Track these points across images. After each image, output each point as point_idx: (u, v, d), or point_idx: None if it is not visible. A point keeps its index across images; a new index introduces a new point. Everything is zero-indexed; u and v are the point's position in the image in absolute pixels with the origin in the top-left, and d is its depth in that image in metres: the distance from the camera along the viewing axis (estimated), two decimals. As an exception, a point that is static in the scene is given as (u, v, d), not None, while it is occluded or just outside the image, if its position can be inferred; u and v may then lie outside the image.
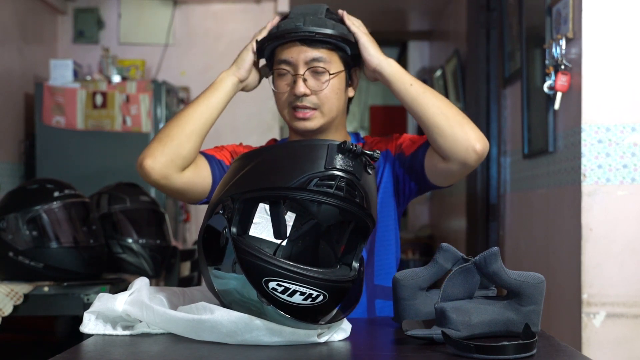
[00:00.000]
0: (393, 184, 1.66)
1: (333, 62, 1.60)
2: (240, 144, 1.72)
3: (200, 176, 1.58)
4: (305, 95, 1.58)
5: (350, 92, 1.68)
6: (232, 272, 1.16)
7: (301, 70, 1.58)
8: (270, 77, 1.66)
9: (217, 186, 1.57)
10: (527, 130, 3.06)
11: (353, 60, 1.65)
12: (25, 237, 2.48)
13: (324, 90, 1.59)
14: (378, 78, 1.60)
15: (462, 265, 1.22)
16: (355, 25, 1.61)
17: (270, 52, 1.65)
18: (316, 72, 1.58)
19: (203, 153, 1.62)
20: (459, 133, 1.47)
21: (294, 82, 1.58)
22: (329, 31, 1.57)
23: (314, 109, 1.59)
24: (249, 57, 1.62)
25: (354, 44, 1.62)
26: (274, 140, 1.78)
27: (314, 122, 1.60)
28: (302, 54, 1.58)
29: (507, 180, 3.59)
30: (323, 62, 1.58)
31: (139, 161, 1.53)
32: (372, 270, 1.65)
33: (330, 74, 1.59)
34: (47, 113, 4.06)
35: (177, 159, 1.52)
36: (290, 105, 1.60)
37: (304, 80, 1.57)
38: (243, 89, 1.67)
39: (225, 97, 1.60)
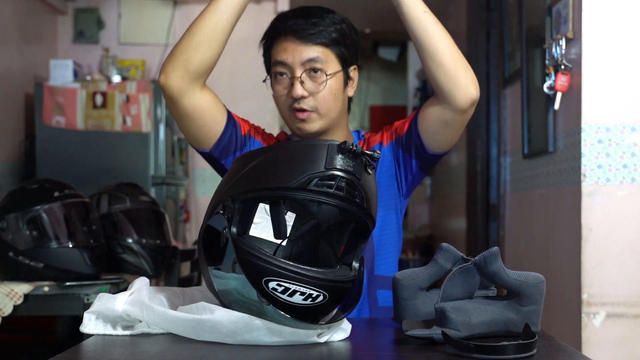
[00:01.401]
0: (392, 174, 1.65)
1: (330, 62, 1.58)
2: (260, 127, 1.71)
3: (212, 117, 1.55)
4: (302, 97, 1.57)
5: (350, 92, 1.67)
6: (232, 272, 1.16)
7: (298, 72, 1.56)
8: (269, 80, 1.64)
9: (224, 142, 1.57)
10: (527, 130, 3.06)
11: (350, 58, 1.64)
12: (25, 237, 2.48)
13: (322, 92, 1.58)
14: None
15: (462, 265, 1.22)
16: None
17: (265, 50, 1.64)
18: (313, 72, 1.57)
19: (226, 108, 1.61)
20: (462, 75, 1.46)
21: (291, 84, 1.57)
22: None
23: (312, 111, 1.58)
24: None
25: (352, 41, 1.61)
26: (284, 133, 1.77)
27: (313, 124, 1.59)
28: (297, 55, 1.57)
29: (507, 180, 3.60)
30: (319, 63, 1.57)
31: (159, 79, 1.51)
32: (372, 269, 1.65)
33: (327, 75, 1.58)
34: (47, 113, 4.06)
35: (188, 70, 1.48)
36: (290, 108, 1.60)
37: (301, 82, 1.56)
38: None
39: (238, 6, 1.50)
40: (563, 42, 2.55)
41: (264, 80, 1.65)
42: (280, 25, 1.60)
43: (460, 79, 1.46)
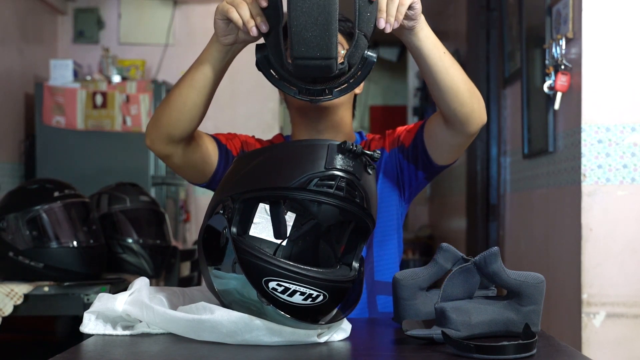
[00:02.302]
0: (394, 181, 1.66)
1: (344, 50, 1.60)
2: (253, 137, 1.71)
3: (203, 160, 1.55)
4: None
5: (357, 89, 1.68)
6: (232, 272, 1.16)
7: None
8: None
9: (219, 174, 1.57)
10: (527, 130, 3.06)
11: None
12: (25, 237, 2.48)
13: None
14: (408, 39, 1.40)
15: (462, 265, 1.22)
16: None
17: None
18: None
19: (216, 138, 1.60)
20: (476, 107, 1.47)
21: None
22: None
23: None
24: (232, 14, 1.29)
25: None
26: (280, 135, 1.77)
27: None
28: None
29: (507, 180, 3.60)
30: (340, 44, 1.58)
31: (145, 141, 1.51)
32: (372, 268, 1.65)
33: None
34: (47, 113, 4.06)
35: (173, 138, 1.46)
36: None
37: None
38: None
39: (213, 70, 1.41)
40: (563, 42, 2.55)
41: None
42: None
43: (475, 112, 1.47)
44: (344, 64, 1.22)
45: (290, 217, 1.34)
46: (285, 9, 1.20)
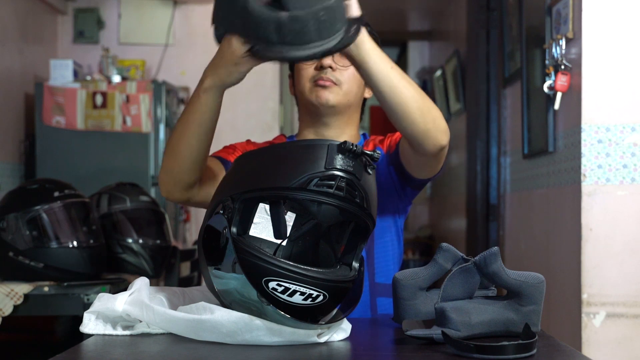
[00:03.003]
0: (391, 183, 1.66)
1: None
2: (249, 141, 1.71)
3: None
4: (330, 67, 1.59)
5: (367, 93, 1.70)
6: (232, 272, 1.16)
7: None
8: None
9: None
10: (527, 130, 3.06)
11: None
12: (25, 237, 2.48)
13: (348, 71, 1.61)
14: (351, 51, 1.34)
15: (462, 265, 1.22)
16: None
17: None
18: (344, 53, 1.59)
19: (219, 158, 1.60)
20: (431, 128, 1.39)
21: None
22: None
23: (335, 83, 1.60)
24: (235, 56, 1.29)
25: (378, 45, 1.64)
26: (283, 136, 1.77)
27: (333, 95, 1.60)
28: None
29: (507, 180, 3.60)
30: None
31: (160, 187, 1.50)
32: (373, 269, 1.65)
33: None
34: (47, 113, 4.06)
35: (187, 184, 1.47)
36: (312, 80, 1.62)
37: (332, 55, 1.58)
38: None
39: (215, 108, 1.40)
40: (563, 42, 2.55)
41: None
42: None
43: (430, 133, 1.39)
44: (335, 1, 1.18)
45: (290, 217, 1.34)
46: None
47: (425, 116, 1.37)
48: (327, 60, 1.59)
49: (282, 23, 1.15)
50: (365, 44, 1.33)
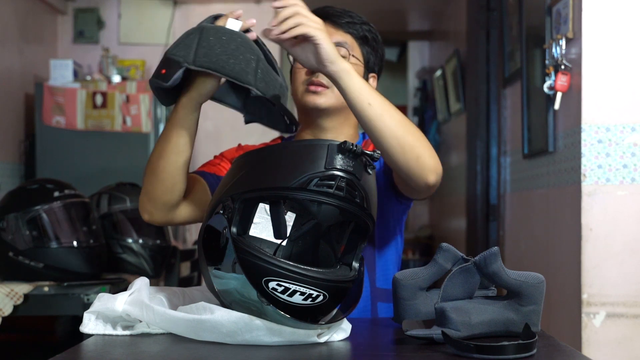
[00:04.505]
0: (390, 187, 1.65)
1: (354, 53, 1.61)
2: (240, 146, 1.70)
3: (201, 202, 1.52)
4: None
5: None
6: (232, 272, 1.16)
7: None
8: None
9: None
10: (527, 130, 3.06)
11: (372, 63, 1.66)
12: (25, 237, 2.48)
13: None
14: (329, 77, 1.37)
15: (462, 265, 1.22)
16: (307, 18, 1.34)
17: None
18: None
19: (202, 173, 1.58)
20: (414, 167, 1.36)
21: None
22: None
23: (328, 87, 1.59)
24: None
25: (377, 49, 1.65)
26: (281, 138, 1.77)
27: (325, 99, 1.59)
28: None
29: (507, 180, 3.60)
30: (345, 48, 1.60)
31: (140, 212, 1.49)
32: (374, 274, 1.65)
33: (349, 59, 1.60)
34: (47, 113, 4.06)
35: (169, 206, 1.45)
36: (305, 83, 1.61)
37: None
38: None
39: (191, 127, 1.40)
40: (563, 42, 2.55)
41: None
42: (316, 12, 1.61)
43: (412, 170, 1.37)
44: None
45: (290, 217, 1.34)
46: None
47: (407, 153, 1.34)
48: None
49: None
50: (344, 78, 1.34)
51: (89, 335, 1.24)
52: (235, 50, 1.27)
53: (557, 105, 2.59)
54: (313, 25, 1.31)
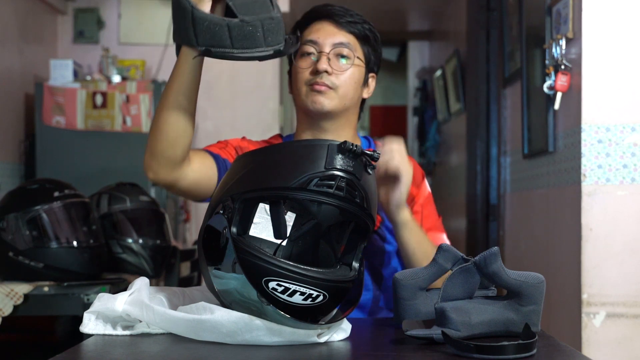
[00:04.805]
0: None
1: (356, 53, 1.63)
2: (244, 138, 1.70)
3: (206, 176, 1.55)
4: (326, 72, 1.59)
5: (365, 94, 1.69)
6: (232, 272, 1.16)
7: (326, 50, 1.60)
8: (292, 55, 1.65)
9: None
10: (527, 130, 3.06)
11: (372, 62, 1.68)
12: (25, 237, 2.48)
13: (345, 75, 1.60)
14: (390, 218, 1.57)
15: (462, 265, 1.22)
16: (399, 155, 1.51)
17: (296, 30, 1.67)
18: (340, 56, 1.61)
19: (210, 152, 1.59)
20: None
21: (318, 59, 1.60)
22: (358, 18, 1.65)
23: (331, 88, 1.60)
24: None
25: (377, 48, 1.68)
26: (279, 136, 1.77)
27: (329, 100, 1.60)
28: (329, 37, 1.61)
29: (507, 180, 3.60)
30: (348, 49, 1.61)
31: (145, 171, 1.50)
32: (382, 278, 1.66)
33: (353, 61, 1.61)
34: (47, 113, 4.06)
35: (172, 163, 1.46)
36: (308, 83, 1.61)
37: (328, 59, 1.59)
38: None
39: (193, 80, 1.41)
40: (563, 42, 2.55)
41: (291, 59, 1.67)
42: (317, 10, 1.65)
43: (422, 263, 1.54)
44: (280, 14, 1.34)
45: (290, 217, 1.34)
46: None
47: (424, 262, 1.50)
48: (323, 65, 1.58)
49: (232, 26, 1.27)
50: (403, 230, 1.56)
51: (89, 335, 1.24)
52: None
53: (557, 105, 2.59)
54: (407, 168, 1.50)
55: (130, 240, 2.87)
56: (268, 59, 1.33)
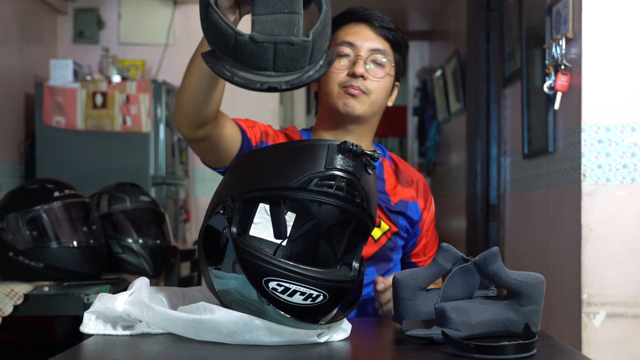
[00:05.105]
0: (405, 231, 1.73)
1: (389, 61, 1.63)
2: (271, 127, 1.68)
3: (229, 147, 1.52)
4: (362, 76, 1.59)
5: (389, 102, 1.70)
6: (232, 272, 1.16)
7: (363, 54, 1.60)
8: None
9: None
10: (527, 130, 3.06)
11: (399, 71, 1.69)
12: (25, 237, 2.48)
13: (380, 82, 1.61)
14: None
15: (462, 265, 1.22)
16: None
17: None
18: (375, 63, 1.61)
19: (237, 124, 1.57)
20: None
21: (354, 62, 1.59)
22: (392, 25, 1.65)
23: (365, 93, 1.60)
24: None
25: (404, 58, 1.69)
26: (295, 127, 1.76)
27: (361, 105, 1.60)
28: (367, 41, 1.61)
29: (507, 180, 3.60)
30: (384, 56, 1.62)
31: (174, 124, 1.49)
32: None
33: (387, 69, 1.62)
34: (47, 113, 4.06)
35: (197, 124, 1.43)
36: (341, 85, 1.60)
37: (365, 64, 1.60)
38: None
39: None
40: (563, 42, 2.55)
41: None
42: (355, 11, 1.64)
43: None
44: (308, 39, 1.10)
45: (290, 217, 1.34)
46: None
47: None
48: (360, 69, 1.58)
49: (240, 41, 1.10)
50: None
51: (89, 335, 1.24)
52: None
53: (557, 105, 2.59)
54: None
55: (130, 240, 2.87)
56: (270, 90, 1.11)
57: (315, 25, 1.12)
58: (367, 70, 1.59)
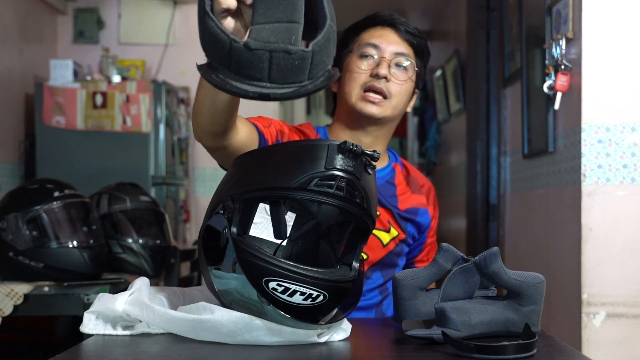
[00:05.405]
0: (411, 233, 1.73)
1: (411, 65, 1.64)
2: (285, 123, 1.67)
3: (248, 147, 1.50)
4: (385, 78, 1.59)
5: (408, 107, 1.70)
6: (232, 272, 1.16)
7: (387, 56, 1.61)
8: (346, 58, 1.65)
9: None
10: (527, 130, 3.06)
11: (420, 78, 1.69)
12: (25, 237, 2.48)
13: (402, 86, 1.62)
14: None
15: (462, 265, 1.22)
16: None
17: (352, 35, 1.67)
18: (398, 66, 1.62)
19: (254, 125, 1.56)
20: None
21: (378, 64, 1.60)
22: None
23: (386, 96, 1.60)
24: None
25: (425, 65, 1.70)
26: (310, 124, 1.75)
27: (382, 109, 1.61)
28: (392, 45, 1.62)
29: (507, 180, 3.60)
30: (407, 60, 1.63)
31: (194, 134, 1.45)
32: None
33: (410, 74, 1.63)
34: (47, 113, 4.06)
35: (215, 135, 1.41)
36: (362, 87, 1.61)
37: (389, 66, 1.60)
38: None
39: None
40: (563, 42, 2.55)
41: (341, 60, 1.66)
42: (381, 16, 1.66)
43: None
44: (308, 50, 1.06)
45: (290, 217, 1.34)
46: None
47: None
48: (383, 70, 1.59)
49: (235, 48, 1.04)
50: None
51: (89, 335, 1.24)
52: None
53: (557, 105, 2.59)
54: None
55: (130, 240, 2.87)
56: (261, 99, 1.06)
57: (316, 38, 1.06)
58: (391, 72, 1.60)
